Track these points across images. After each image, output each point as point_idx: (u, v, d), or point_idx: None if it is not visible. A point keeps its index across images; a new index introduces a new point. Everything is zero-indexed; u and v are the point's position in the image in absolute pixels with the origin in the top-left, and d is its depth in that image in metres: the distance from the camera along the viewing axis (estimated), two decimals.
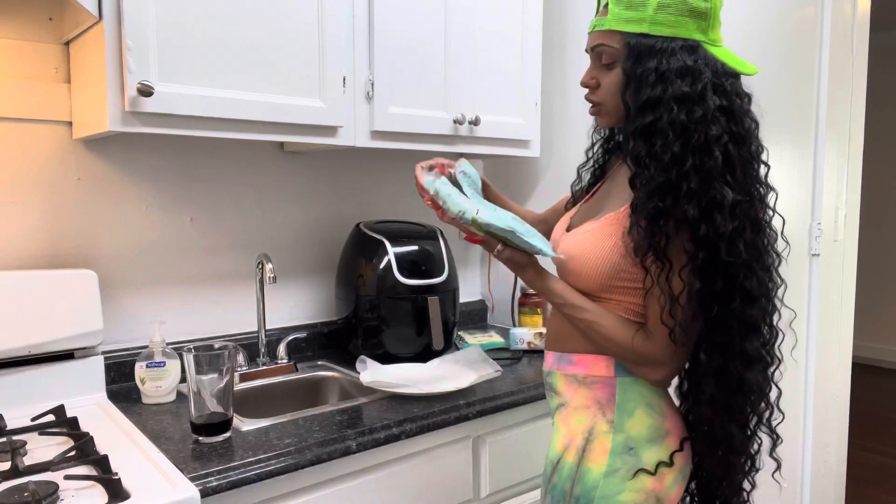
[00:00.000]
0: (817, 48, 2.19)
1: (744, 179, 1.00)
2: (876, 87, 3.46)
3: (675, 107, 0.98)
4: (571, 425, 1.11)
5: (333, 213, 1.93)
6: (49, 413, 1.33)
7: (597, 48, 1.07)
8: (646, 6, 1.01)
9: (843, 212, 2.35)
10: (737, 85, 1.03)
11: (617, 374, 1.08)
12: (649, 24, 1.01)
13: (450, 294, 1.76)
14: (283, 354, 1.74)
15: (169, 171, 1.64)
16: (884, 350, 5.20)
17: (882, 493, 3.10)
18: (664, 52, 1.00)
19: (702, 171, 0.96)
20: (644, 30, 1.01)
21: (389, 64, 1.62)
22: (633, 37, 1.02)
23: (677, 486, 1.08)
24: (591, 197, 1.20)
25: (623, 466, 1.05)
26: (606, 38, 1.05)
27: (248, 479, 1.12)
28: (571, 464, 1.08)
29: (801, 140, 2.18)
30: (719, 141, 0.97)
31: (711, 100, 0.98)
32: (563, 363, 1.13)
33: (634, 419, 1.06)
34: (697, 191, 0.96)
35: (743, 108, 1.02)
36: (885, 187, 5.13)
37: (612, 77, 1.06)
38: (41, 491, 0.98)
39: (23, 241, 1.46)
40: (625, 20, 1.02)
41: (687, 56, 1.00)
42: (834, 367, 2.37)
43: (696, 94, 0.98)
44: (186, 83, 1.31)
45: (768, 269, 1.05)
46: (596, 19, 1.08)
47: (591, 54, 1.09)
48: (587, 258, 1.06)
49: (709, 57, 1.01)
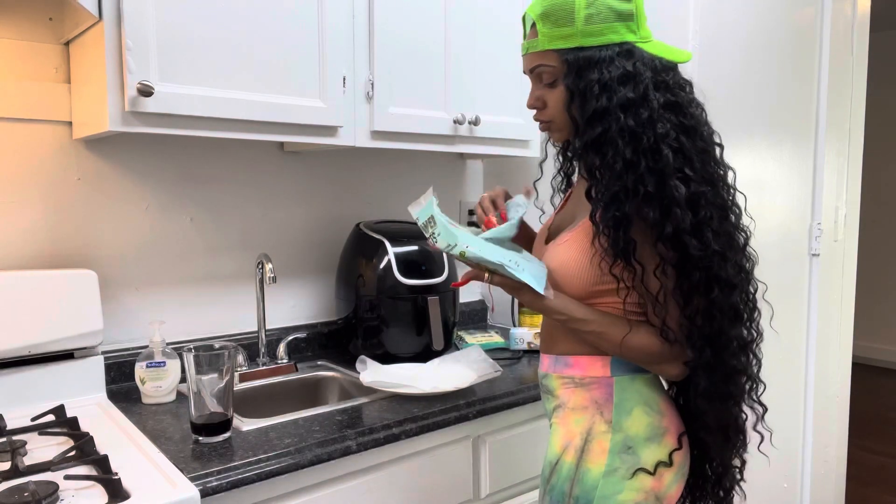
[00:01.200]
0: (817, 48, 2.19)
1: (703, 168, 1.01)
2: (876, 87, 3.46)
3: (621, 114, 0.99)
4: (570, 426, 1.11)
5: (333, 213, 1.93)
6: (49, 413, 1.33)
7: (535, 70, 1.08)
8: (574, 21, 1.02)
9: (843, 212, 2.35)
10: (677, 76, 1.04)
11: (614, 374, 1.08)
12: (581, 37, 1.02)
13: (450, 294, 1.76)
14: (283, 354, 1.74)
15: (169, 170, 1.64)
16: (884, 350, 5.20)
17: (882, 493, 3.10)
18: (602, 61, 1.01)
19: (655, 171, 0.97)
20: (577, 43, 1.02)
21: (389, 64, 1.62)
22: (569, 52, 1.03)
23: (676, 484, 1.08)
24: (564, 205, 1.21)
25: (622, 466, 1.05)
26: (543, 58, 1.06)
27: (248, 479, 1.12)
28: (570, 464, 1.08)
29: (801, 140, 2.18)
30: (668, 137, 0.99)
31: (654, 98, 1.00)
32: (559, 366, 1.13)
33: (632, 418, 1.07)
34: (655, 192, 0.97)
35: (687, 98, 1.04)
36: (885, 187, 5.13)
37: (556, 94, 1.07)
38: (41, 491, 0.98)
39: (23, 241, 1.46)
40: (557, 37, 1.04)
41: (625, 61, 1.01)
42: (834, 367, 2.38)
43: (640, 97, 0.99)
44: (186, 83, 1.31)
45: (742, 250, 1.06)
46: (527, 42, 1.09)
47: (531, 76, 1.10)
48: (567, 270, 1.07)
49: (645, 56, 1.02)
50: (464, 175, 2.23)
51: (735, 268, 1.02)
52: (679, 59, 1.05)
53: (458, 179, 2.21)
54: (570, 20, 1.02)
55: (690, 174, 0.98)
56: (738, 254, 1.04)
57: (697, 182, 0.98)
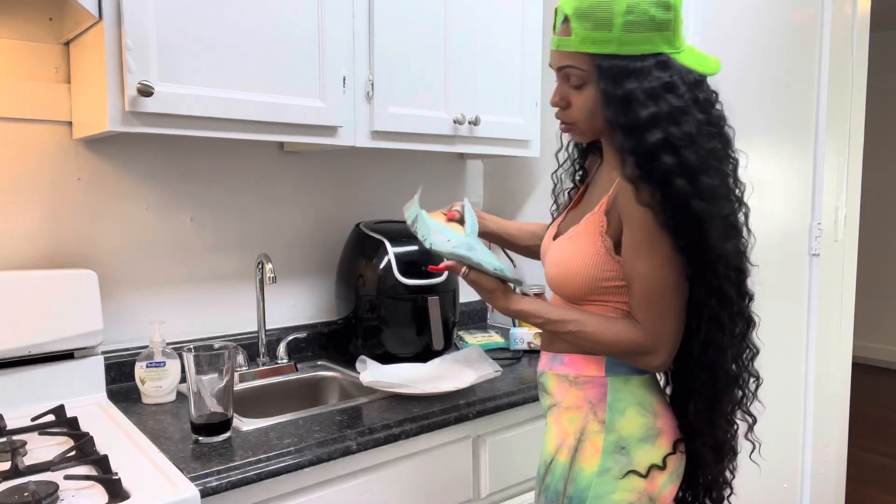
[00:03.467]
0: (817, 48, 2.19)
1: (723, 182, 1.01)
2: (876, 87, 3.46)
3: (673, 121, 0.97)
4: (563, 425, 1.11)
5: (333, 213, 1.93)
6: (49, 413, 1.33)
7: (564, 69, 1.04)
8: (612, 26, 0.98)
9: (843, 212, 2.35)
10: (708, 91, 1.03)
11: (608, 374, 1.08)
12: (617, 45, 0.98)
13: (450, 294, 1.76)
14: (283, 354, 1.74)
15: (169, 170, 1.64)
16: (884, 350, 5.20)
17: (882, 493, 3.10)
18: (639, 72, 0.98)
19: (711, 189, 0.98)
20: (612, 50, 0.99)
21: (389, 64, 1.62)
22: (603, 58, 0.99)
23: (671, 485, 1.08)
24: (577, 202, 1.20)
25: (615, 466, 1.05)
26: (574, 59, 1.02)
27: (249, 479, 1.12)
28: (564, 463, 1.09)
29: (801, 140, 2.18)
30: (715, 153, 0.99)
31: (694, 113, 0.98)
32: (555, 363, 1.13)
33: (626, 418, 1.06)
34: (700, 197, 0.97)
35: (719, 115, 1.03)
36: (885, 187, 5.13)
37: (583, 97, 1.04)
38: (41, 491, 0.98)
39: (23, 241, 1.46)
40: (591, 41, 0.99)
41: (662, 72, 0.98)
42: (834, 366, 2.38)
43: (685, 106, 0.98)
44: (186, 83, 1.31)
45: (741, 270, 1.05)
46: (557, 37, 1.04)
47: (558, 74, 1.07)
48: (569, 263, 1.07)
49: (680, 69, 1.00)
50: (464, 175, 2.23)
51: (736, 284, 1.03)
52: (708, 71, 1.02)
53: (458, 179, 2.21)
54: (607, 25, 0.98)
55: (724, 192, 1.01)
56: (740, 273, 1.04)
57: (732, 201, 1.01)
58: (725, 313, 1.01)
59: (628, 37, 0.98)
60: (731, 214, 1.02)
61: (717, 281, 0.99)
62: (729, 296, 1.01)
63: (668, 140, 0.96)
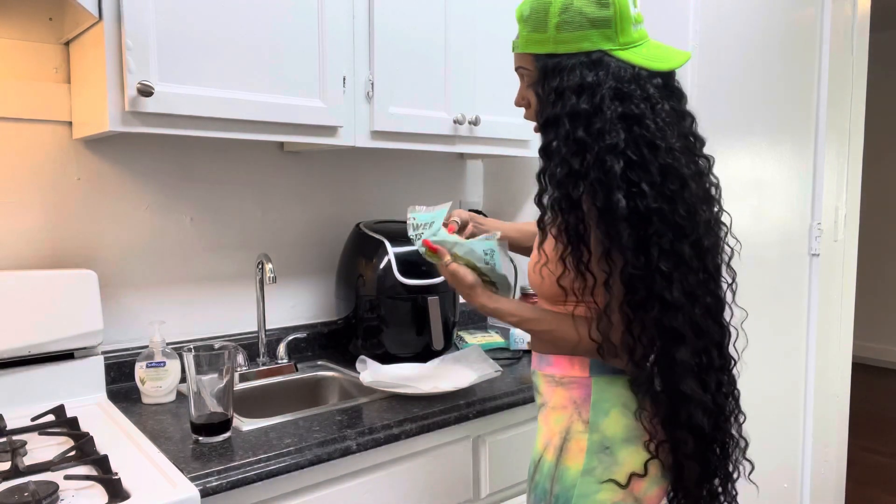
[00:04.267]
0: (817, 48, 2.19)
1: (663, 184, 0.96)
2: (876, 87, 3.46)
3: (569, 124, 0.98)
4: (550, 425, 1.11)
5: (333, 213, 1.93)
6: (49, 413, 1.33)
7: (518, 70, 1.10)
8: (546, 27, 1.01)
9: (843, 212, 2.35)
10: (647, 87, 0.99)
11: (592, 375, 1.08)
12: (553, 44, 1.01)
13: (450, 294, 1.76)
14: (283, 354, 1.74)
15: (169, 171, 1.64)
16: (884, 350, 5.20)
17: (882, 493, 3.10)
18: (565, 69, 1.00)
19: (601, 183, 0.95)
20: (550, 50, 1.02)
21: (389, 64, 1.62)
22: (542, 58, 1.03)
23: (657, 486, 1.07)
24: None
25: (599, 465, 1.05)
26: (522, 60, 1.08)
27: (249, 479, 1.12)
28: (551, 462, 1.09)
29: (801, 140, 2.18)
30: (617, 149, 0.95)
31: (610, 109, 0.96)
32: (543, 363, 1.14)
33: (610, 419, 1.06)
34: (601, 205, 0.95)
35: (653, 110, 0.98)
36: (885, 187, 5.13)
37: (536, 97, 1.08)
38: (41, 491, 0.98)
39: (23, 241, 1.46)
40: (532, 42, 1.04)
41: (587, 71, 0.98)
42: (834, 367, 2.38)
43: (594, 108, 0.97)
44: (186, 83, 1.31)
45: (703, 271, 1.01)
46: (514, 39, 1.09)
47: (517, 74, 1.11)
48: (538, 266, 1.09)
49: (614, 66, 0.99)
50: (464, 175, 2.23)
51: (681, 290, 0.97)
52: (664, 67, 1.00)
53: (458, 179, 2.21)
54: (543, 26, 1.02)
55: (646, 189, 0.95)
56: (690, 275, 0.99)
57: (652, 198, 0.95)
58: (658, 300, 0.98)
59: (563, 35, 1.01)
60: (649, 210, 0.96)
61: (653, 276, 0.96)
62: (668, 299, 0.97)
63: (553, 142, 1.00)
